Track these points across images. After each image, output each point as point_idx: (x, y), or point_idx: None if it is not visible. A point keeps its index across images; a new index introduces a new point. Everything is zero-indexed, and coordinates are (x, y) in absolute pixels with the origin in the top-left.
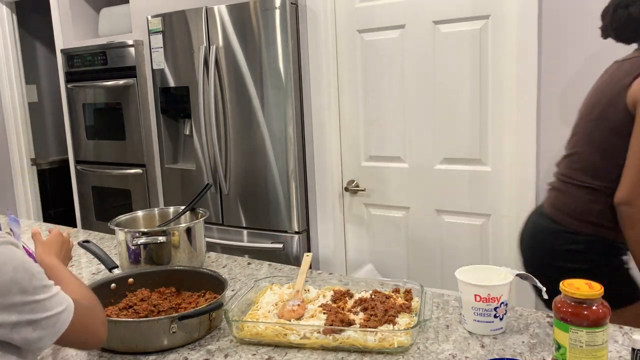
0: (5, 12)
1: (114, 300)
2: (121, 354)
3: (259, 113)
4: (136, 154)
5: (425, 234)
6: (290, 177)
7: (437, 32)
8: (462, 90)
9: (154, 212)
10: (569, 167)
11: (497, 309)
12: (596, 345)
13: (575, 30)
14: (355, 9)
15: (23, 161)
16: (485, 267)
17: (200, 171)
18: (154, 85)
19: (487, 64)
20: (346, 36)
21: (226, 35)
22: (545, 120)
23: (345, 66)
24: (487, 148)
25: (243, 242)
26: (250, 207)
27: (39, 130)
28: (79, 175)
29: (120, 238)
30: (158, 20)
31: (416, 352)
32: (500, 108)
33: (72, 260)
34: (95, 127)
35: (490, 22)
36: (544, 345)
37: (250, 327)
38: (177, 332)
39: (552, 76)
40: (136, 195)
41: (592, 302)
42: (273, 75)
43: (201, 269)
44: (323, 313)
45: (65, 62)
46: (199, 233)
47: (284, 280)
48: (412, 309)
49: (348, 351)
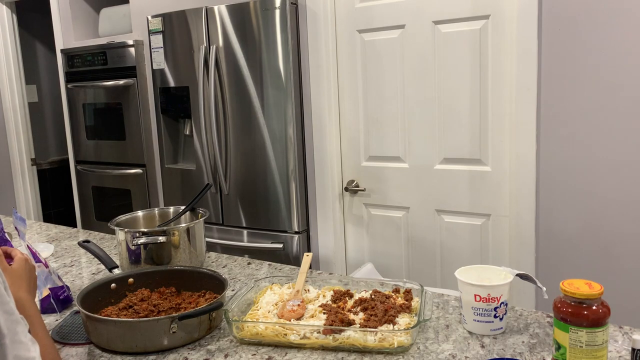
0: (5, 12)
1: (114, 300)
2: (121, 354)
3: (259, 113)
4: (136, 154)
5: (425, 234)
6: (290, 177)
7: (437, 32)
8: (462, 90)
9: (154, 212)
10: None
11: (497, 309)
12: (596, 345)
13: (575, 30)
14: (355, 9)
15: (23, 161)
16: (485, 267)
17: (200, 171)
18: (154, 85)
19: (487, 64)
20: (346, 36)
21: (226, 35)
22: (545, 120)
23: (345, 66)
24: (487, 148)
25: (243, 242)
26: (250, 207)
27: (39, 130)
28: (79, 175)
29: (120, 238)
30: (158, 20)
31: (416, 352)
32: (500, 108)
33: (72, 260)
34: (95, 127)
35: (490, 22)
36: (544, 345)
37: (250, 327)
38: (177, 332)
39: (552, 76)
40: (136, 195)
41: (592, 302)
42: (273, 75)
43: (201, 269)
44: (323, 313)
45: (65, 62)
46: (199, 233)
47: (284, 280)
48: (412, 309)
49: (348, 351)
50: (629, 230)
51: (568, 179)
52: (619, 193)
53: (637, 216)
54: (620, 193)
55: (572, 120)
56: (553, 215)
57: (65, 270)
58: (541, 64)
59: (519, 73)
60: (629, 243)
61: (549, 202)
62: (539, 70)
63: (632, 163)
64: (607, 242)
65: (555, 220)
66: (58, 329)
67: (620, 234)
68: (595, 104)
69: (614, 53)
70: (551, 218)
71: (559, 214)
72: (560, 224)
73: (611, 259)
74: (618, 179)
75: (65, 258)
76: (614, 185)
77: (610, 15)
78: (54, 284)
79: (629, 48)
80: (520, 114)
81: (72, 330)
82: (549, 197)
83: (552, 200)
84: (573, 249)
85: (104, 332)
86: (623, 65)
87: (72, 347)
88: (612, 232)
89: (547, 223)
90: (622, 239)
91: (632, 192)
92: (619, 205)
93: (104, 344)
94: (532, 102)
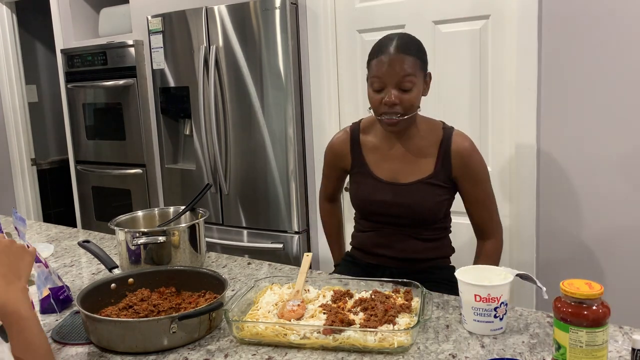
0: (5, 12)
1: (114, 300)
2: (121, 354)
3: (259, 113)
4: (136, 154)
5: None
6: (290, 177)
7: (437, 32)
8: (462, 90)
9: (154, 212)
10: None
11: (497, 309)
12: (596, 345)
13: (575, 30)
14: (355, 9)
15: (23, 161)
16: (485, 267)
17: (200, 171)
18: (154, 85)
19: (487, 63)
20: (346, 36)
21: (226, 35)
22: (545, 120)
23: (345, 66)
24: (487, 148)
25: (243, 242)
26: (250, 207)
27: (39, 130)
28: (79, 175)
29: (120, 238)
30: (158, 20)
31: (416, 352)
32: (501, 108)
33: (72, 260)
34: (95, 127)
35: (490, 22)
36: (544, 345)
37: (250, 327)
38: (177, 332)
39: (552, 76)
40: (136, 195)
41: (592, 302)
42: (273, 75)
43: (201, 269)
44: (323, 313)
45: (65, 62)
46: (199, 233)
47: (284, 280)
48: (412, 309)
49: (348, 351)
50: (629, 231)
51: (568, 178)
52: (619, 193)
53: (637, 216)
54: (621, 193)
55: (572, 120)
56: (553, 215)
57: (65, 270)
58: (541, 64)
59: (519, 73)
60: (629, 243)
61: (550, 201)
62: (539, 70)
63: (633, 163)
64: (607, 242)
65: (555, 220)
66: (58, 329)
67: (620, 234)
68: (595, 103)
69: (614, 53)
70: (551, 218)
71: (559, 213)
72: (560, 223)
73: (611, 259)
74: (618, 179)
75: (65, 258)
76: (614, 185)
77: (610, 15)
78: (54, 284)
79: (629, 48)
80: (520, 114)
81: (72, 330)
82: (549, 197)
83: (552, 200)
84: (573, 249)
85: (104, 332)
86: (623, 65)
87: (72, 347)
88: (613, 232)
89: (547, 223)
90: (622, 239)
91: (632, 192)
92: (619, 206)
93: (104, 344)
94: (532, 102)
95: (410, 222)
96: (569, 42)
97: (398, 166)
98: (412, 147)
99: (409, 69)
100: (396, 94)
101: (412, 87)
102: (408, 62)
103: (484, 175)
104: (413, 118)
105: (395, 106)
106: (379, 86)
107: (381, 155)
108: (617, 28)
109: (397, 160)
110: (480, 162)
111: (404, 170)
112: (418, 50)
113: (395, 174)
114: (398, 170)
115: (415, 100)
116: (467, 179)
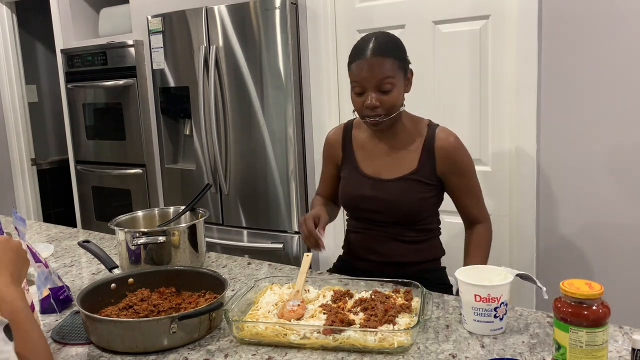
0: (5, 12)
1: (114, 300)
2: (121, 354)
3: (259, 113)
4: (136, 154)
5: None
6: (290, 177)
7: (437, 32)
8: (462, 91)
9: (154, 212)
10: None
11: (497, 309)
12: (596, 345)
13: (575, 30)
14: (355, 9)
15: (23, 161)
16: (485, 267)
17: (200, 171)
18: (154, 85)
19: (487, 63)
20: (346, 36)
21: (226, 35)
22: (545, 120)
23: (345, 66)
24: (487, 148)
25: (243, 242)
26: (250, 207)
27: (39, 130)
28: (79, 175)
29: (120, 238)
30: (158, 20)
31: (416, 352)
32: (500, 108)
33: (72, 260)
34: (95, 127)
35: (490, 22)
36: (544, 345)
37: (250, 327)
38: (177, 332)
39: (552, 76)
40: (136, 195)
41: (592, 302)
42: (273, 75)
43: (201, 269)
44: (323, 313)
45: (65, 62)
46: (199, 233)
47: (284, 280)
48: (412, 309)
49: (348, 351)
50: (629, 231)
51: (568, 178)
52: (619, 193)
53: (637, 216)
54: (621, 193)
55: (572, 120)
56: (553, 215)
57: (65, 270)
58: (541, 64)
59: (519, 73)
60: (629, 243)
61: (549, 202)
62: (539, 70)
63: (633, 163)
64: (607, 242)
65: (555, 220)
66: (58, 329)
67: (620, 234)
68: (595, 103)
69: (614, 53)
70: (551, 218)
71: (559, 213)
72: (560, 223)
73: (611, 258)
74: (618, 178)
75: (65, 258)
76: (615, 185)
77: (610, 15)
78: (54, 284)
79: (629, 48)
80: (520, 114)
81: (72, 330)
82: (549, 197)
83: (552, 200)
84: (573, 249)
85: (104, 332)
86: (623, 65)
87: (72, 347)
88: (612, 232)
89: (547, 223)
90: (622, 239)
91: (632, 192)
92: (620, 205)
93: (104, 344)
94: (532, 102)
95: (393, 220)
96: (569, 42)
97: (382, 162)
98: (397, 144)
99: (387, 71)
100: (376, 96)
101: (392, 89)
102: (386, 64)
103: (472, 168)
104: (398, 116)
105: (376, 109)
106: (360, 90)
107: (368, 152)
108: (617, 28)
109: (382, 157)
110: (466, 156)
111: (387, 166)
112: (396, 50)
113: (379, 169)
114: (382, 166)
115: (397, 100)
116: (455, 173)
